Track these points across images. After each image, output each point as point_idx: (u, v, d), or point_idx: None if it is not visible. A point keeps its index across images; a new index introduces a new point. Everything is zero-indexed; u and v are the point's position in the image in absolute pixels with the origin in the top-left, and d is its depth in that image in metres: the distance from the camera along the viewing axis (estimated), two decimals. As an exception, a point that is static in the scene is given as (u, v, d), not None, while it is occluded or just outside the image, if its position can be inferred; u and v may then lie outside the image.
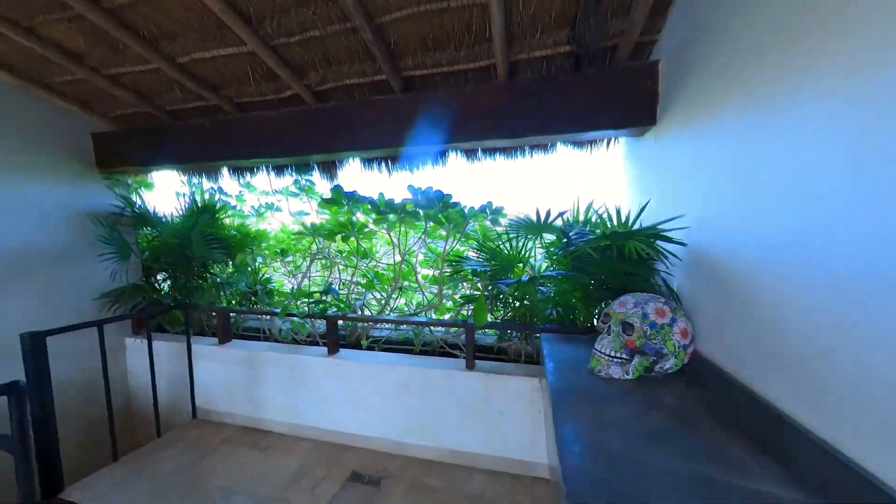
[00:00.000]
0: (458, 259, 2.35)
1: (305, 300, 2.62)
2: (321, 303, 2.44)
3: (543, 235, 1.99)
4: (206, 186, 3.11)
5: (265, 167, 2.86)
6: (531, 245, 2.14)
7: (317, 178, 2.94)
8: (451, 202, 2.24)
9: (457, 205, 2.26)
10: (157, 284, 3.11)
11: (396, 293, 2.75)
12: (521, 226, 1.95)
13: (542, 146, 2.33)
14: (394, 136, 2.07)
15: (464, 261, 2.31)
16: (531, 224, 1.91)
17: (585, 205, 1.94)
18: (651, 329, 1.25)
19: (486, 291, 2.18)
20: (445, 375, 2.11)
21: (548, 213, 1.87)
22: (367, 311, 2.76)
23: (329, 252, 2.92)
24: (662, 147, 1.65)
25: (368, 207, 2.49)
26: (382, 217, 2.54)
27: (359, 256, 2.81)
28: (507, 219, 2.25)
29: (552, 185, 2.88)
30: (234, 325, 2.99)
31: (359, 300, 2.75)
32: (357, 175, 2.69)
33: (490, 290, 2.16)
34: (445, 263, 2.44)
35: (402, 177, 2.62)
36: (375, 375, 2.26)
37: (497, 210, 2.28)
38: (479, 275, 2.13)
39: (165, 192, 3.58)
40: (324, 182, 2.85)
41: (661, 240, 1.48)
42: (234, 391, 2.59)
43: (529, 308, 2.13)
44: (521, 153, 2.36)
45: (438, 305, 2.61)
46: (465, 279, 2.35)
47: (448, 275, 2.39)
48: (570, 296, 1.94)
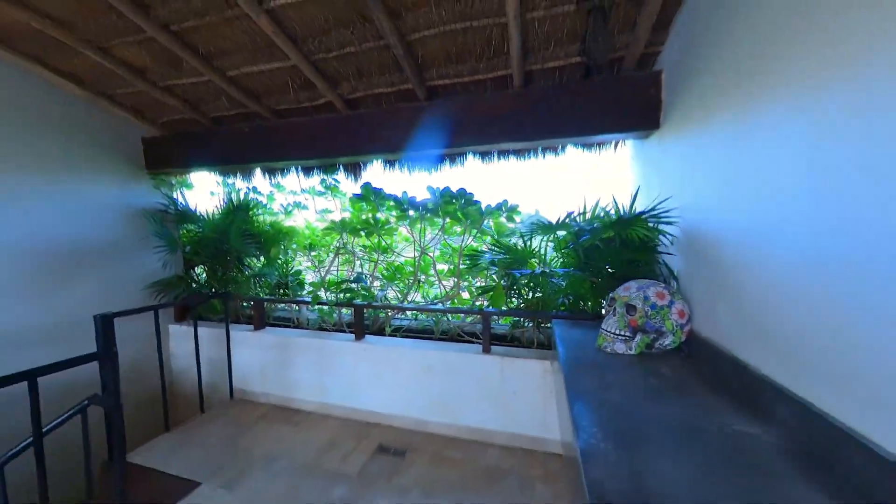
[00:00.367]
0: (475, 253, 2.54)
1: (334, 290, 2.85)
2: (350, 291, 2.66)
3: (557, 233, 2.17)
4: (240, 186, 3.37)
5: (295, 168, 3.10)
6: (543, 241, 2.31)
7: (341, 178, 3.17)
8: (473, 199, 2.44)
9: (477, 202, 2.45)
10: (196, 276, 3.38)
11: (415, 286, 2.95)
12: (536, 227, 2.13)
13: (553, 148, 2.50)
14: (416, 140, 2.28)
15: (480, 254, 2.50)
16: (546, 225, 2.09)
17: (592, 202, 2.12)
18: (652, 310, 1.42)
19: (503, 281, 2.36)
20: (464, 359, 2.30)
21: (558, 218, 2.05)
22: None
23: (352, 247, 3.15)
24: (665, 149, 1.82)
25: (392, 204, 2.70)
26: (404, 214, 2.75)
27: (380, 251, 3.03)
28: (522, 217, 2.43)
29: (562, 184, 3.04)
30: (266, 315, 3.23)
31: (381, 292, 2.96)
32: (379, 175, 2.91)
33: (506, 280, 2.34)
34: (462, 258, 2.63)
35: (422, 177, 2.82)
36: (399, 359, 2.46)
37: (512, 208, 2.46)
38: (497, 263, 2.31)
39: (201, 191, 3.86)
40: (348, 182, 3.08)
41: (655, 220, 1.67)
42: (268, 373, 2.83)
43: (542, 299, 2.31)
44: (533, 154, 2.54)
45: (455, 296, 2.80)
46: (481, 272, 2.54)
47: (465, 268, 2.58)
48: (580, 286, 2.11)
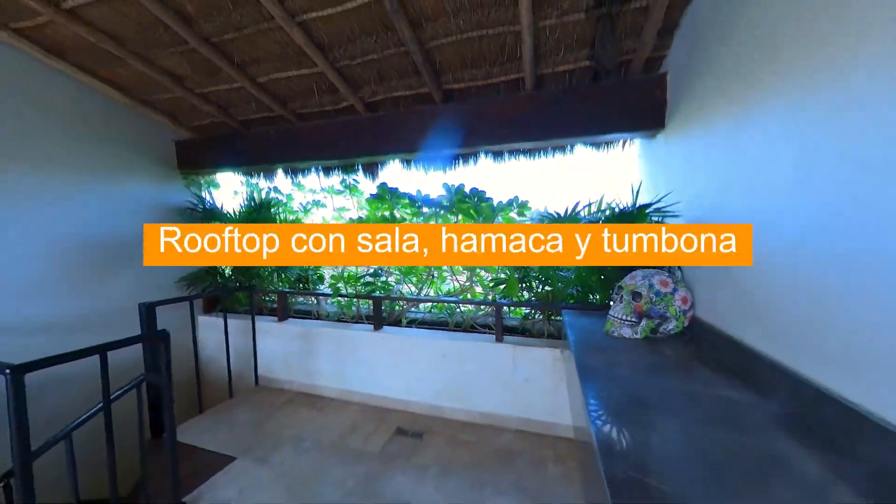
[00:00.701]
0: (488, 248, 2.67)
1: (353, 283, 3.00)
2: (369, 284, 2.81)
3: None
4: (262, 185, 3.56)
5: (315, 168, 3.27)
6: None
7: (360, 178, 3.32)
8: (485, 196, 2.56)
9: (489, 199, 2.57)
10: (221, 270, 3.58)
11: (429, 282, 3.09)
12: (545, 220, 2.24)
13: (562, 147, 2.61)
14: (432, 140, 2.41)
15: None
16: (557, 218, 2.20)
17: (599, 198, 2.23)
18: (656, 297, 1.53)
19: (515, 273, 2.48)
20: (477, 347, 2.43)
21: (566, 210, 2.16)
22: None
23: (369, 243, 3.30)
24: (670, 147, 1.92)
25: (406, 202, 2.84)
26: (418, 211, 2.88)
27: (395, 247, 3.17)
28: (531, 213, 2.55)
29: (572, 181, 3.15)
30: (287, 308, 3.41)
31: (397, 286, 3.10)
32: (397, 174, 3.05)
33: (519, 273, 2.46)
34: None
35: (436, 176, 2.96)
36: (415, 348, 2.60)
37: (523, 203, 2.58)
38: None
39: (226, 191, 4.07)
40: (367, 181, 3.23)
41: (659, 215, 1.79)
42: (291, 362, 3.00)
43: (551, 292, 2.42)
44: (544, 153, 2.65)
45: (469, 289, 2.93)
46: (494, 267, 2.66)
47: (478, 262, 2.70)
48: (588, 278, 2.22)
